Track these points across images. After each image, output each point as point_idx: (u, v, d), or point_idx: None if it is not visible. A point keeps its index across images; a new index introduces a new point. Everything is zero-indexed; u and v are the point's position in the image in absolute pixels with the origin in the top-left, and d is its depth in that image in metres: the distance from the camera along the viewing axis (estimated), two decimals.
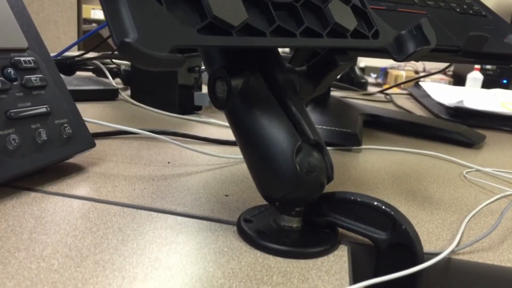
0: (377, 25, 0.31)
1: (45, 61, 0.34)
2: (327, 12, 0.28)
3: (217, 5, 0.22)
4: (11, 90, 0.30)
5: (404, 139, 0.54)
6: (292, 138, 0.24)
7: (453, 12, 0.55)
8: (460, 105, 0.67)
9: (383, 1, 0.51)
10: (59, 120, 0.32)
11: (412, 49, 0.30)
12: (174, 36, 0.20)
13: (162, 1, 0.20)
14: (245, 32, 0.23)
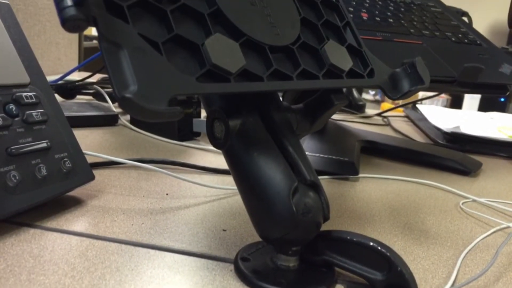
0: (372, 63, 0.32)
1: (46, 95, 0.34)
2: (323, 53, 0.29)
3: (216, 52, 0.22)
4: (13, 126, 0.30)
5: (401, 166, 0.54)
6: (289, 179, 0.25)
7: (448, 41, 0.56)
8: (457, 130, 0.68)
9: (379, 31, 0.52)
10: (59, 155, 0.32)
11: (406, 88, 0.30)
12: (173, 86, 0.20)
13: (162, 52, 0.21)
14: (243, 77, 0.24)
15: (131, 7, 0.21)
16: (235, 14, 0.25)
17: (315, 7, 0.31)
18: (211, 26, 0.24)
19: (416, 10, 0.62)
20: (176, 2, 0.23)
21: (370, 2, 0.60)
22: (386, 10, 0.59)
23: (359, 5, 0.57)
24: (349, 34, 0.32)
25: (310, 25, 0.30)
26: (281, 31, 0.27)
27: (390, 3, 0.61)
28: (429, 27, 0.58)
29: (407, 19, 0.58)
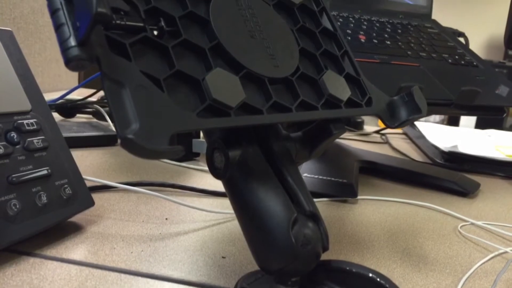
0: (370, 92, 0.32)
1: (47, 121, 0.35)
2: (322, 83, 0.29)
3: (217, 87, 0.23)
4: (14, 154, 0.31)
5: (400, 187, 0.55)
6: (288, 211, 0.25)
7: (445, 63, 0.57)
8: (455, 149, 0.68)
9: (377, 54, 0.53)
10: (59, 181, 0.33)
11: (404, 117, 0.31)
12: (175, 123, 0.20)
13: (164, 88, 0.21)
14: (243, 110, 0.24)
15: (133, 44, 0.22)
16: (235, 47, 0.25)
17: (313, 36, 0.32)
18: (211, 60, 0.24)
19: (413, 32, 0.63)
20: (178, 37, 0.24)
21: (368, 24, 0.60)
22: (383, 32, 0.59)
23: (356, 27, 0.58)
24: (347, 62, 0.33)
25: (309, 55, 0.30)
26: (280, 63, 0.27)
27: (388, 25, 0.62)
28: (426, 49, 0.59)
29: (404, 40, 0.59)
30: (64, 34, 0.19)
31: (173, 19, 0.24)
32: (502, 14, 1.15)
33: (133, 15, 0.23)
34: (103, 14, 0.18)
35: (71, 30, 0.19)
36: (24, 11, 0.88)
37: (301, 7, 0.32)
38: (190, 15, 0.25)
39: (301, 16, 0.32)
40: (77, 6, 0.19)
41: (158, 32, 0.23)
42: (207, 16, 0.25)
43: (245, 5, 0.28)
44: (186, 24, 0.25)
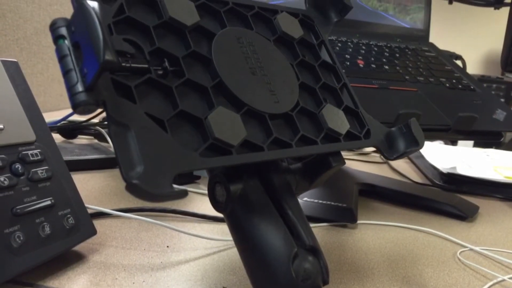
0: (369, 123, 0.33)
1: (51, 150, 0.35)
2: (321, 117, 0.30)
3: (219, 126, 0.23)
4: (18, 185, 0.31)
5: (399, 211, 0.55)
6: (289, 245, 0.25)
7: (442, 87, 0.58)
8: (453, 171, 0.69)
9: (375, 79, 0.54)
10: (62, 211, 0.33)
11: (402, 149, 0.31)
12: (178, 164, 0.21)
13: (168, 129, 0.22)
14: (244, 146, 0.25)
15: (138, 85, 0.22)
16: (237, 84, 0.26)
17: (313, 70, 0.33)
18: (213, 98, 0.25)
19: (411, 55, 0.64)
20: (181, 76, 0.25)
21: (366, 48, 0.61)
22: (381, 56, 0.60)
23: (355, 52, 0.59)
24: (346, 94, 0.33)
25: (309, 88, 0.31)
26: (281, 98, 0.28)
27: (386, 49, 0.63)
28: (424, 73, 0.60)
29: (402, 65, 0.60)
30: (71, 79, 0.20)
31: (177, 59, 0.25)
32: (500, 29, 1.17)
33: (138, 57, 0.23)
34: (111, 62, 0.19)
35: (78, 75, 0.20)
36: (28, 32, 0.89)
37: (300, 41, 0.33)
38: (193, 54, 0.26)
39: (301, 49, 0.33)
40: (85, 53, 0.20)
41: (162, 72, 0.24)
42: (209, 55, 0.26)
43: (247, 42, 0.29)
44: (189, 62, 0.25)
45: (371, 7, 0.65)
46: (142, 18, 0.25)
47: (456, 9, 0.98)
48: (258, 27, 0.31)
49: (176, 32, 0.26)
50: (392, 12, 0.66)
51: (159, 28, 0.25)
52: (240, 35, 0.29)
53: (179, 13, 0.26)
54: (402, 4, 0.67)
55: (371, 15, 0.65)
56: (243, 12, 0.30)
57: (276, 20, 0.32)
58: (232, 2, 0.30)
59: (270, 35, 0.32)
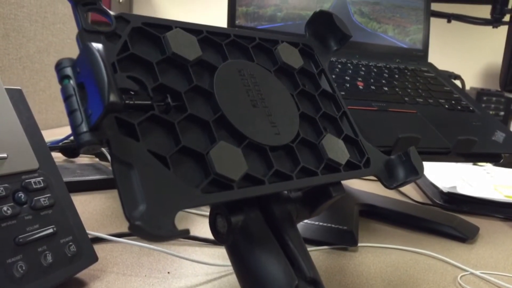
0: (368, 152, 0.33)
1: (53, 177, 0.36)
2: (321, 147, 0.30)
3: (220, 161, 0.24)
4: (21, 214, 0.31)
5: (399, 232, 0.55)
6: (289, 278, 0.26)
7: (442, 108, 0.58)
8: (453, 190, 0.69)
9: (375, 101, 0.54)
10: (64, 239, 0.33)
11: (401, 178, 0.32)
12: (181, 201, 0.21)
13: (170, 165, 0.22)
14: (245, 180, 0.25)
15: (141, 123, 0.23)
16: (238, 117, 0.26)
17: (313, 99, 0.33)
18: (215, 132, 0.25)
19: (410, 76, 0.64)
20: (183, 111, 0.25)
21: (366, 69, 0.62)
22: (381, 77, 0.61)
23: (354, 73, 0.60)
24: (346, 123, 0.34)
25: (309, 118, 0.32)
26: (281, 130, 0.28)
27: (385, 70, 0.64)
28: (423, 94, 0.60)
29: (401, 86, 0.60)
30: (76, 119, 0.20)
31: (179, 94, 0.25)
32: (499, 43, 1.18)
33: (141, 93, 0.24)
34: (115, 104, 0.19)
35: (83, 115, 0.20)
36: (30, 50, 0.90)
37: (301, 71, 0.34)
38: (195, 88, 0.26)
39: (301, 79, 0.33)
40: (90, 94, 0.20)
41: (165, 107, 0.24)
42: (211, 88, 0.27)
43: (248, 74, 0.29)
44: (191, 96, 0.26)
45: (371, 28, 0.65)
46: (146, 53, 0.25)
47: (455, 26, 0.99)
48: (259, 58, 0.32)
49: (178, 66, 0.26)
50: (392, 33, 0.67)
51: (162, 63, 0.26)
52: (241, 67, 0.29)
53: (182, 48, 0.26)
54: (401, 25, 0.68)
55: (370, 36, 0.66)
56: (244, 44, 0.31)
57: (277, 51, 0.32)
58: (233, 34, 0.31)
59: (271, 65, 0.32)
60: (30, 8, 0.88)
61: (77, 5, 0.23)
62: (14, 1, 0.84)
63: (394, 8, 0.68)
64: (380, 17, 0.66)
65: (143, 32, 0.26)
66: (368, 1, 0.66)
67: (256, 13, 0.58)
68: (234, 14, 0.57)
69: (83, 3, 0.24)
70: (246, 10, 0.57)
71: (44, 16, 0.92)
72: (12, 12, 0.83)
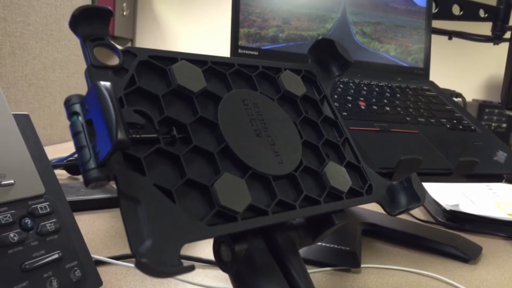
0: (370, 178, 0.33)
1: (59, 202, 0.36)
2: (324, 175, 0.30)
3: (224, 193, 0.24)
4: (27, 240, 0.32)
5: (402, 252, 0.55)
6: None
7: (443, 128, 0.59)
8: (456, 208, 0.69)
9: (376, 121, 0.55)
10: (69, 264, 0.34)
11: (404, 205, 0.32)
12: (186, 235, 0.22)
13: (175, 199, 0.23)
14: (249, 210, 0.26)
15: (147, 156, 0.23)
16: (242, 148, 0.27)
17: (315, 126, 0.34)
18: (219, 164, 0.26)
19: (411, 95, 0.65)
20: (188, 142, 0.25)
21: (367, 88, 0.63)
22: (382, 97, 0.61)
23: (356, 93, 0.60)
24: (348, 149, 0.34)
25: (312, 146, 0.32)
26: (284, 158, 0.29)
27: (387, 89, 0.64)
28: (425, 114, 0.61)
29: (403, 105, 0.61)
30: (85, 156, 0.21)
31: (184, 126, 0.26)
32: (501, 54, 1.18)
33: (147, 126, 0.24)
34: (123, 142, 0.20)
35: (91, 152, 0.21)
36: (36, 67, 0.91)
37: (303, 98, 0.34)
38: (200, 119, 0.27)
39: (303, 106, 0.34)
40: (98, 131, 0.21)
41: (170, 140, 0.25)
42: (216, 119, 0.27)
43: (251, 104, 0.30)
44: (196, 127, 0.26)
45: (373, 48, 0.66)
46: (152, 86, 0.26)
47: (456, 38, 0.99)
48: (263, 86, 0.32)
49: (184, 98, 0.27)
50: (394, 53, 0.68)
51: (168, 95, 0.26)
52: (245, 96, 0.30)
53: (187, 80, 0.27)
54: (403, 45, 0.69)
55: (372, 56, 0.67)
56: (248, 73, 0.32)
57: (280, 79, 0.33)
58: (237, 64, 0.31)
59: (274, 93, 0.33)
60: (36, 26, 0.89)
61: (85, 40, 0.24)
62: (21, 19, 0.85)
63: (396, 27, 0.68)
64: (382, 37, 0.67)
65: (150, 65, 0.27)
66: (370, 21, 0.67)
67: (258, 34, 0.58)
68: (237, 35, 0.57)
69: (91, 39, 0.24)
70: (248, 31, 0.58)
71: (50, 33, 0.94)
72: (18, 30, 0.85)
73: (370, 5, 0.66)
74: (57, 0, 0.94)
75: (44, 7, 0.91)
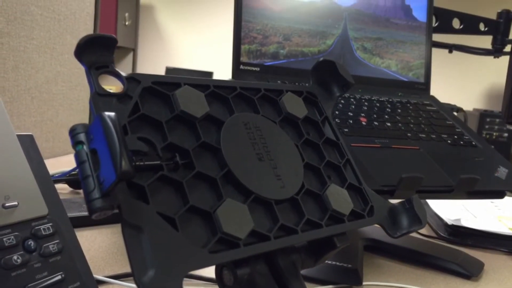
0: (372, 200, 0.33)
1: (62, 223, 0.36)
2: (325, 198, 0.31)
3: (227, 220, 0.24)
4: (30, 262, 0.32)
5: (404, 269, 0.55)
6: None
7: (444, 143, 0.59)
8: (458, 223, 0.69)
9: (378, 137, 0.55)
10: (72, 285, 0.34)
11: (405, 227, 0.32)
12: (188, 263, 0.22)
13: (178, 227, 0.23)
14: (252, 235, 0.26)
15: (151, 184, 0.23)
16: (244, 173, 0.27)
17: (317, 148, 0.34)
18: (222, 189, 0.26)
19: (412, 110, 0.65)
20: (191, 168, 0.26)
21: (368, 104, 0.63)
22: (383, 112, 0.62)
23: (357, 108, 0.61)
24: (349, 170, 0.34)
25: (313, 168, 0.32)
26: (286, 182, 0.29)
27: (387, 104, 0.65)
28: (425, 129, 0.61)
29: (403, 121, 0.61)
30: (89, 186, 0.21)
31: (187, 152, 0.26)
32: (502, 63, 1.18)
33: (150, 153, 0.25)
34: (127, 173, 0.20)
35: (95, 182, 0.21)
36: (39, 81, 0.92)
37: (305, 119, 0.34)
38: (202, 144, 0.27)
39: (305, 127, 0.34)
40: (103, 161, 0.21)
41: (173, 166, 0.25)
42: (218, 144, 0.28)
43: (253, 127, 0.30)
44: (199, 152, 0.27)
45: (374, 64, 0.67)
46: (156, 112, 0.26)
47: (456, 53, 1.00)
48: (265, 109, 0.33)
49: (187, 123, 0.27)
50: (395, 68, 0.68)
51: (171, 121, 0.27)
52: (247, 120, 0.30)
53: (190, 105, 0.27)
54: (404, 60, 0.69)
55: (373, 71, 0.67)
56: (250, 96, 0.32)
57: (282, 101, 0.33)
58: (239, 87, 0.32)
59: (276, 115, 0.33)
60: (39, 40, 0.90)
61: (90, 69, 0.24)
62: (24, 34, 0.86)
63: (397, 43, 0.69)
64: (383, 53, 0.68)
65: (153, 91, 0.27)
66: (371, 37, 0.67)
67: (259, 50, 0.59)
68: (239, 52, 0.58)
69: (96, 67, 0.25)
70: (249, 48, 0.58)
71: (53, 47, 0.94)
72: (22, 44, 0.86)
73: (371, 21, 0.67)
74: (60, 14, 0.95)
75: (48, 21, 0.92)
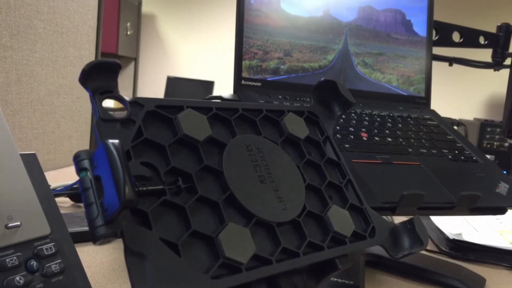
0: (373, 220, 0.34)
1: (64, 242, 0.36)
2: (327, 220, 0.31)
3: (229, 244, 0.25)
4: (33, 282, 0.32)
5: (405, 285, 0.55)
6: None
7: (445, 159, 0.59)
8: (459, 238, 0.69)
9: (379, 153, 0.55)
10: None
11: (407, 248, 0.32)
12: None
13: (181, 253, 0.23)
14: (253, 259, 0.26)
15: (153, 209, 0.24)
16: (246, 196, 0.27)
17: (318, 168, 0.34)
18: (224, 213, 0.26)
19: (413, 125, 0.65)
20: (194, 192, 0.26)
21: (369, 118, 0.63)
22: (384, 127, 0.62)
23: (358, 124, 0.61)
24: (351, 191, 0.35)
25: (315, 189, 0.32)
26: (288, 204, 0.29)
27: (388, 119, 0.65)
28: (426, 144, 0.61)
29: (404, 136, 0.61)
30: (93, 213, 0.21)
31: (190, 176, 0.26)
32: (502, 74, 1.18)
33: (153, 178, 0.25)
34: (131, 201, 0.20)
35: (99, 209, 0.21)
36: (41, 93, 0.92)
37: (306, 139, 0.35)
38: (205, 167, 0.27)
39: (306, 147, 0.34)
40: (106, 189, 0.21)
41: (176, 190, 0.25)
42: (220, 167, 0.28)
43: (255, 149, 0.30)
44: (201, 175, 0.27)
45: (375, 79, 0.67)
46: (159, 136, 0.27)
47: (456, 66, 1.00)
48: (266, 130, 0.33)
49: (189, 146, 0.28)
50: (396, 83, 0.69)
51: (174, 144, 0.27)
52: (249, 142, 0.30)
53: (192, 129, 0.27)
54: (405, 75, 0.70)
55: (374, 86, 0.68)
56: (252, 117, 0.32)
57: (283, 122, 0.34)
58: (241, 108, 0.32)
59: (277, 136, 0.33)
60: (42, 53, 0.90)
61: (94, 94, 0.25)
62: (27, 47, 0.86)
63: (398, 58, 0.69)
64: (383, 68, 0.68)
65: (156, 115, 0.27)
66: (371, 52, 0.68)
67: (259, 66, 0.59)
68: (241, 67, 0.58)
69: (100, 92, 0.25)
70: (250, 63, 0.59)
71: (55, 60, 0.95)
72: (24, 57, 0.86)
73: (371, 36, 0.68)
74: (63, 28, 0.96)
75: (50, 34, 0.93)
